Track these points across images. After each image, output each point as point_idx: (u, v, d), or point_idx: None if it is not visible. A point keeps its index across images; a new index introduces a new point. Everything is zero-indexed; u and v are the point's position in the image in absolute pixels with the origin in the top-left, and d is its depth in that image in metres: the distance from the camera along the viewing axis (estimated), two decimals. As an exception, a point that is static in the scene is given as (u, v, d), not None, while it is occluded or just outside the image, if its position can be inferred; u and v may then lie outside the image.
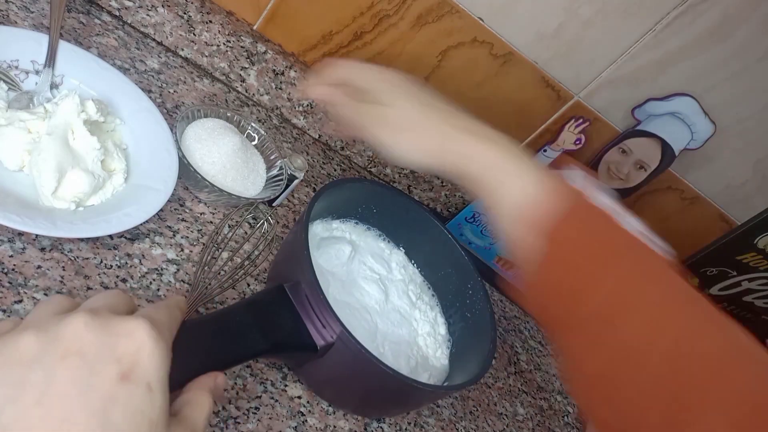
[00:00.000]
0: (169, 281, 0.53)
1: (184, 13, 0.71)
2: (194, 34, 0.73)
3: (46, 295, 0.45)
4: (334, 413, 0.56)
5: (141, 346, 0.27)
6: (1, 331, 0.28)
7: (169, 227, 0.57)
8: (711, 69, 0.76)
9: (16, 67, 0.56)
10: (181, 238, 0.57)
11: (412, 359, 0.59)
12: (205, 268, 0.56)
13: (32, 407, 0.24)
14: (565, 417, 0.81)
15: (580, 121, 0.81)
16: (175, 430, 0.29)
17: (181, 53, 0.74)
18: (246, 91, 0.78)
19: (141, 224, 0.53)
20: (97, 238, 0.51)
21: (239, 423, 0.49)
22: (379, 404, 0.56)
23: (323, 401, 0.56)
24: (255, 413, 0.51)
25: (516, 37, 0.74)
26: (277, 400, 0.53)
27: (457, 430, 0.66)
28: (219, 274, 0.57)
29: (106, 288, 0.49)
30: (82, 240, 0.50)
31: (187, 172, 0.59)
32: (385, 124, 0.46)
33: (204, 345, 0.39)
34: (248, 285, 0.59)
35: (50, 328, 0.26)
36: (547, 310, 0.40)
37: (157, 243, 0.55)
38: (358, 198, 0.66)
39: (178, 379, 0.35)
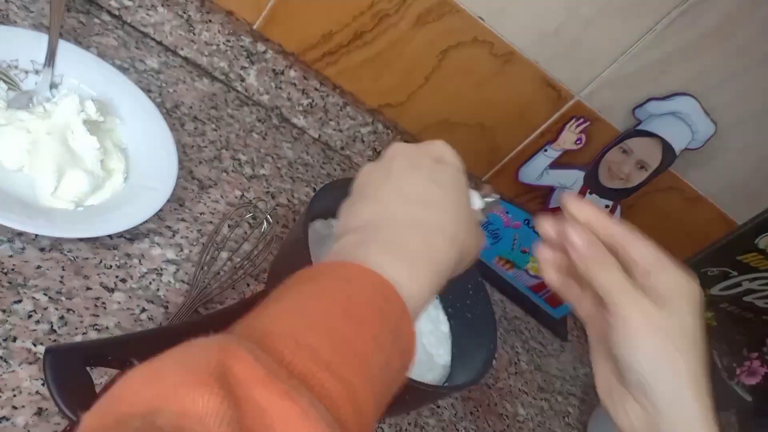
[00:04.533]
0: (169, 281, 0.53)
1: (184, 13, 0.71)
2: (194, 34, 0.73)
3: (45, 294, 0.45)
4: (334, 413, 0.56)
5: (444, 150, 0.41)
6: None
7: (169, 227, 0.57)
8: (712, 69, 0.75)
9: (16, 67, 0.56)
10: (181, 238, 0.57)
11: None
12: (205, 268, 0.56)
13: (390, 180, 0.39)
14: (566, 417, 0.80)
15: (581, 120, 0.81)
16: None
17: (180, 53, 0.74)
18: (246, 91, 0.78)
19: (140, 224, 0.53)
20: (97, 238, 0.51)
21: (239, 423, 0.49)
22: (379, 404, 0.56)
23: (323, 401, 0.56)
24: (255, 413, 0.50)
25: (516, 36, 0.73)
26: (276, 401, 0.53)
27: (458, 430, 0.65)
28: (218, 274, 0.56)
29: (106, 288, 0.49)
30: (81, 240, 0.50)
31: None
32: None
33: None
34: (248, 285, 0.59)
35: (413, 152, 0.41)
36: None
37: (157, 243, 0.55)
38: (358, 198, 0.66)
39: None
